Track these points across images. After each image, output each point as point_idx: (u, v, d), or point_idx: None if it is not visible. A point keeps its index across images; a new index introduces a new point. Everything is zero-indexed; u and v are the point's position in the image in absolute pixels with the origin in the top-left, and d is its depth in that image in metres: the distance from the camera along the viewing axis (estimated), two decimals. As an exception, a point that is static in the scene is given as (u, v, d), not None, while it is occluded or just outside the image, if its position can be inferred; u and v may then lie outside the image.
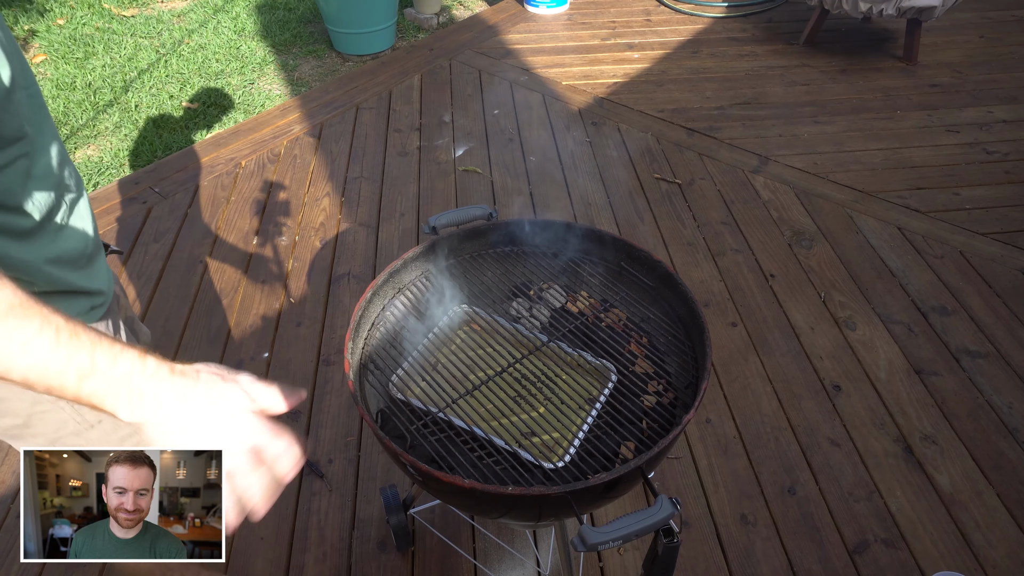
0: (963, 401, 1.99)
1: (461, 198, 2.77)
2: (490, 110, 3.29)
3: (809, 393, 2.02)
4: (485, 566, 1.64)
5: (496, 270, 1.38)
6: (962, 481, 1.81)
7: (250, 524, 1.73)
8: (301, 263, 2.48)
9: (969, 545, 1.68)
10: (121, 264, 2.46)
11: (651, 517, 0.90)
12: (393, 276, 1.31)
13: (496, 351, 1.26)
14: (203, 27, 4.10)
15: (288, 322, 2.26)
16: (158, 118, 3.29)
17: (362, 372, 1.20)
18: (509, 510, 1.07)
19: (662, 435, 1.09)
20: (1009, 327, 2.19)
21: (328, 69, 3.74)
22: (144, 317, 2.27)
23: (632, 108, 3.28)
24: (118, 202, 2.74)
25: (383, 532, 1.71)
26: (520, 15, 4.15)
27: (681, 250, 2.51)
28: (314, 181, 2.86)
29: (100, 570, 1.65)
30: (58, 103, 3.38)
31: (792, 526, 1.72)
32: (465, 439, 1.10)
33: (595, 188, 2.81)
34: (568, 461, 1.07)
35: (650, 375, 1.22)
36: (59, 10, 4.24)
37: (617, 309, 1.32)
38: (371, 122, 3.22)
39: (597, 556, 1.66)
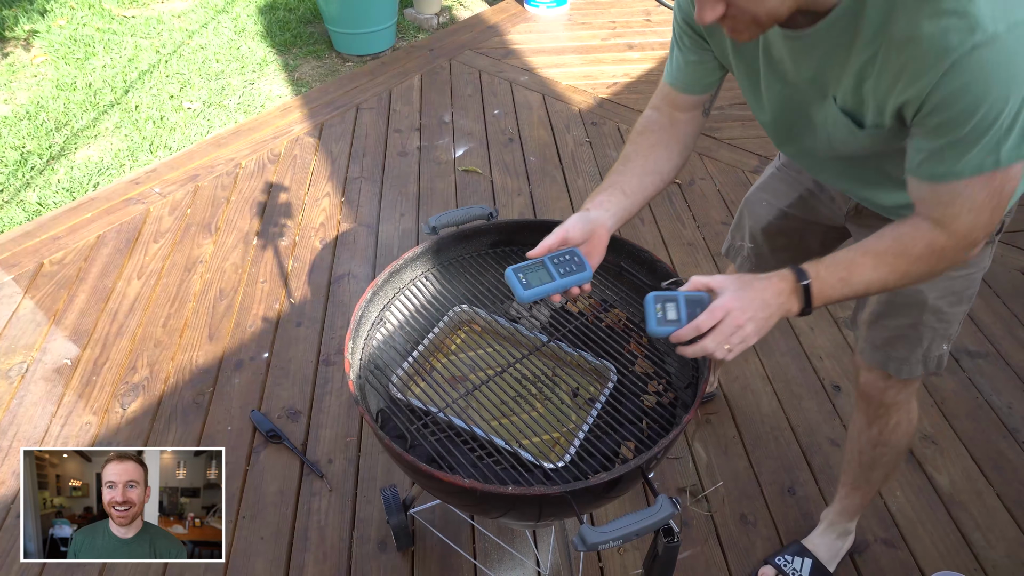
0: (963, 401, 1.99)
1: (461, 198, 2.78)
2: (490, 110, 3.29)
3: (809, 393, 2.02)
4: (485, 566, 1.64)
5: (496, 270, 1.38)
6: (962, 481, 1.81)
7: (250, 524, 1.73)
8: (301, 263, 2.48)
9: (969, 545, 1.68)
10: (122, 263, 2.47)
11: (651, 517, 0.90)
12: (393, 276, 1.31)
13: (496, 351, 1.26)
14: (203, 28, 4.10)
15: (288, 322, 2.26)
16: (158, 118, 3.29)
17: (362, 372, 1.20)
18: (509, 510, 1.07)
19: (662, 435, 1.09)
20: (1009, 327, 2.19)
21: (328, 69, 3.74)
22: (144, 317, 2.27)
23: (632, 108, 3.28)
24: (118, 202, 2.74)
25: (383, 532, 1.71)
26: (520, 15, 4.15)
27: (681, 250, 2.51)
28: (314, 181, 2.87)
29: (100, 570, 1.65)
30: (58, 103, 3.38)
31: (792, 526, 1.72)
32: (465, 439, 1.10)
33: (595, 188, 2.80)
34: (568, 461, 1.07)
35: (650, 375, 1.22)
36: (59, 10, 4.24)
37: (617, 309, 1.32)
38: (371, 122, 3.22)
39: (597, 556, 1.66)
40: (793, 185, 1.38)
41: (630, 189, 1.17)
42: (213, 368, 2.12)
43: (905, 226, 0.94)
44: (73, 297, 2.34)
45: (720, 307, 0.93)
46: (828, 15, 0.87)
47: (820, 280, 0.94)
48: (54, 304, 2.32)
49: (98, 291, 2.37)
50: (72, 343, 2.19)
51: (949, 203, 0.89)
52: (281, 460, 1.87)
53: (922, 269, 0.94)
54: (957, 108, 0.81)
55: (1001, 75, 0.78)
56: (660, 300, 0.98)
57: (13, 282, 2.40)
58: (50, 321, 2.26)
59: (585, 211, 1.14)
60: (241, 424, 1.96)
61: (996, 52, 0.76)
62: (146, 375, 2.10)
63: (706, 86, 1.17)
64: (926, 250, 0.92)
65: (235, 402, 2.02)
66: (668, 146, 1.19)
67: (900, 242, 0.94)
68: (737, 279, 0.95)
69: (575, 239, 1.08)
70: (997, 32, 0.75)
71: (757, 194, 1.47)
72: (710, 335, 0.93)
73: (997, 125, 0.81)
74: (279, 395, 2.04)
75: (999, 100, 0.79)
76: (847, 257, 0.95)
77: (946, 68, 0.78)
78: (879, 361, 1.26)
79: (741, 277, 0.95)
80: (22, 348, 2.18)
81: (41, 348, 2.17)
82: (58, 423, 1.96)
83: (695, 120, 1.20)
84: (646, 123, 1.22)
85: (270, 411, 1.99)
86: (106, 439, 1.93)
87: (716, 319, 0.92)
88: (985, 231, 0.91)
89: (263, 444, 1.91)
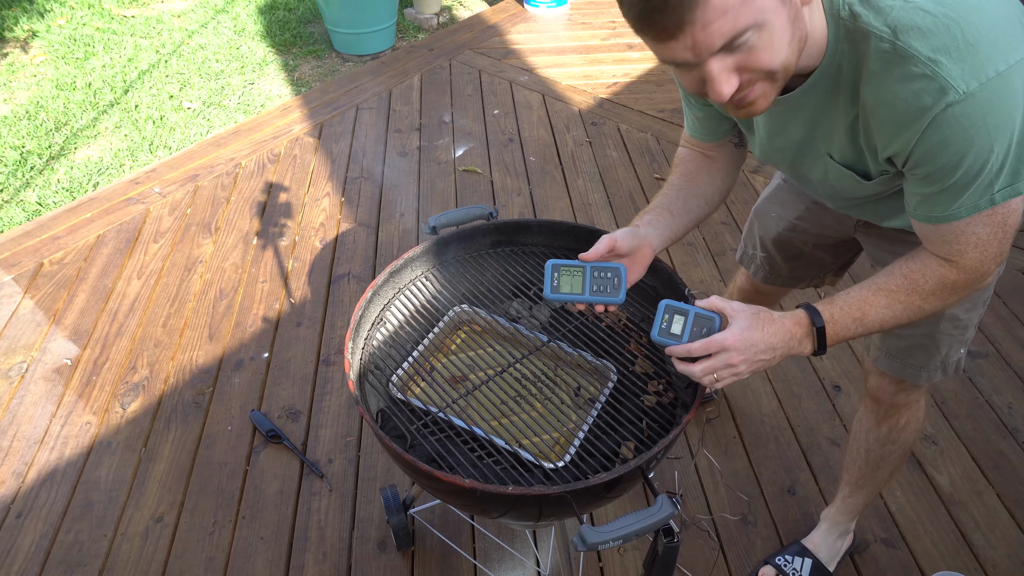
0: (963, 401, 1.99)
1: (461, 198, 2.78)
2: (490, 110, 3.29)
3: (809, 393, 2.02)
4: (485, 566, 1.64)
5: (496, 270, 1.38)
6: (962, 481, 1.81)
7: (250, 524, 1.73)
8: (301, 263, 2.48)
9: (969, 545, 1.68)
10: (122, 263, 2.46)
11: (651, 517, 0.90)
12: (393, 276, 1.31)
13: (496, 351, 1.26)
14: (203, 27, 4.10)
15: (288, 322, 2.26)
16: (158, 118, 3.29)
17: (362, 372, 1.20)
18: (509, 510, 1.07)
19: (662, 435, 1.09)
20: (1009, 327, 2.19)
21: (328, 69, 3.74)
22: (144, 317, 2.27)
23: (632, 108, 3.28)
24: (118, 202, 2.74)
25: (383, 532, 1.71)
26: (520, 15, 4.15)
27: (681, 250, 2.51)
28: (314, 181, 2.87)
29: (100, 570, 1.65)
30: (58, 103, 3.38)
31: (792, 526, 1.72)
32: (465, 439, 1.10)
33: (595, 188, 2.81)
34: (568, 461, 1.07)
35: (650, 375, 1.22)
36: (59, 10, 4.24)
37: (617, 309, 1.32)
38: (371, 122, 3.22)
39: (597, 556, 1.66)
40: (801, 196, 1.37)
41: (676, 210, 1.17)
42: (213, 368, 2.12)
43: (915, 262, 0.94)
44: (73, 297, 2.34)
45: (719, 341, 0.92)
46: (808, 78, 0.88)
47: (834, 322, 0.93)
48: (54, 304, 2.32)
49: (98, 291, 2.37)
50: (72, 343, 2.19)
51: (953, 241, 0.89)
52: (281, 460, 1.87)
53: (935, 304, 0.94)
54: (942, 160, 0.81)
55: (980, 128, 0.78)
56: (671, 311, 0.97)
57: (13, 282, 2.40)
58: (50, 321, 2.26)
59: (635, 227, 1.14)
60: (241, 424, 1.96)
61: (972, 107, 0.76)
62: (146, 375, 2.10)
63: (724, 132, 1.17)
64: (937, 285, 0.92)
65: (235, 402, 2.02)
66: (709, 172, 1.20)
67: (911, 278, 0.93)
68: (753, 315, 0.93)
69: (622, 250, 1.08)
70: (970, 90, 0.76)
71: (766, 205, 1.46)
72: (700, 363, 0.93)
73: (986, 171, 0.81)
74: (279, 395, 2.04)
75: (983, 150, 0.79)
76: (860, 296, 0.95)
77: (925, 125, 0.79)
78: (896, 369, 1.25)
79: (757, 314, 0.93)
80: (22, 348, 2.18)
81: (41, 348, 2.17)
82: (58, 423, 1.96)
83: (728, 152, 1.21)
84: (682, 156, 1.23)
85: (270, 411, 1.99)
86: (106, 439, 1.93)
87: (709, 351, 0.92)
88: (995, 262, 0.91)
89: (263, 444, 1.91)
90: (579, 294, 1.06)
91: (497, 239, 1.41)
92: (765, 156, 1.09)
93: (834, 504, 1.59)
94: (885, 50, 0.79)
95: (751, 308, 0.94)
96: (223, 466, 1.86)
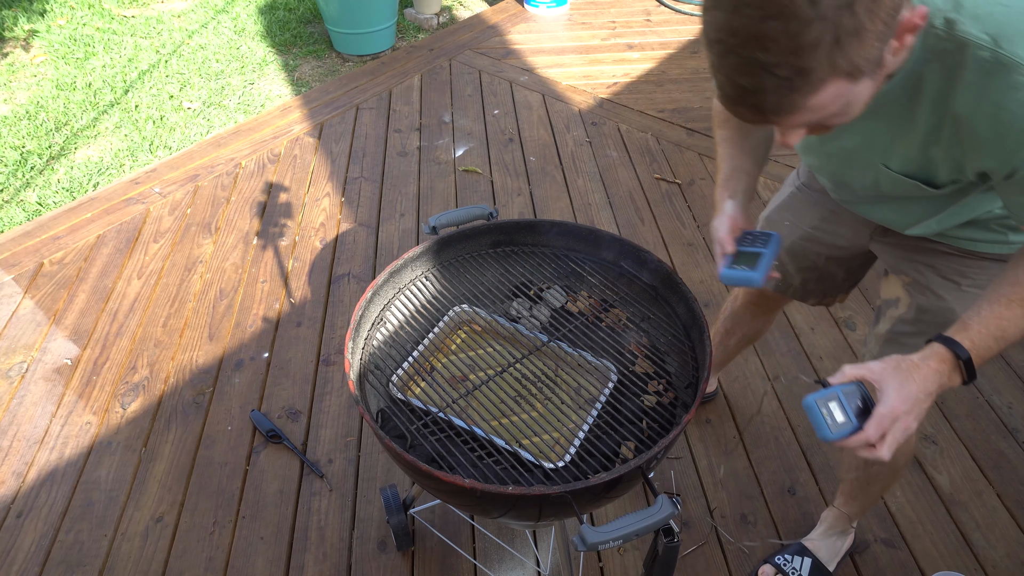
0: (963, 401, 1.99)
1: (461, 198, 2.78)
2: (490, 110, 3.29)
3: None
4: (485, 566, 1.64)
5: (496, 270, 1.38)
6: (962, 481, 1.81)
7: (250, 524, 1.73)
8: (301, 263, 2.48)
9: (969, 545, 1.68)
10: (122, 263, 2.46)
11: (651, 517, 0.90)
12: (393, 276, 1.31)
13: (496, 351, 1.26)
14: (203, 27, 4.10)
15: (288, 322, 2.26)
16: (158, 118, 3.29)
17: (362, 372, 1.20)
18: (509, 510, 1.07)
19: (662, 435, 1.09)
20: (1009, 327, 2.19)
21: (328, 69, 3.74)
22: (144, 317, 2.27)
23: (632, 108, 3.28)
24: (118, 202, 2.74)
25: (383, 532, 1.71)
26: (520, 15, 4.15)
27: (681, 250, 2.51)
28: (314, 181, 2.87)
29: (100, 570, 1.65)
30: (58, 103, 3.38)
31: (792, 526, 1.72)
32: (465, 439, 1.11)
33: (595, 188, 2.81)
34: (568, 461, 1.07)
35: (650, 375, 1.22)
36: (59, 10, 4.24)
37: (617, 309, 1.32)
38: (371, 122, 3.22)
39: (597, 556, 1.66)
40: (816, 205, 1.36)
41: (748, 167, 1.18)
42: (213, 368, 2.12)
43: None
44: (73, 297, 2.34)
45: (888, 415, 0.85)
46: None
47: (977, 349, 0.90)
48: (54, 304, 2.32)
49: (98, 291, 2.37)
50: (72, 343, 2.19)
51: None
52: (281, 460, 1.87)
53: None
54: None
55: None
56: (823, 403, 0.89)
57: (13, 282, 2.40)
58: (50, 321, 2.26)
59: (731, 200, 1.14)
60: (241, 424, 1.96)
61: None
62: (146, 375, 2.10)
63: None
64: None
65: (235, 402, 2.02)
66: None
67: None
68: (895, 369, 0.87)
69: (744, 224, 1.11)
70: None
71: (779, 213, 1.44)
72: (881, 445, 0.86)
73: None
74: (279, 395, 2.04)
75: None
76: (993, 313, 0.91)
77: None
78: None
79: (898, 366, 0.87)
80: (22, 348, 2.18)
81: (41, 348, 2.17)
82: (58, 423, 1.96)
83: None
84: (718, 107, 1.21)
85: (270, 411, 1.99)
86: (106, 439, 1.93)
87: (884, 428, 0.85)
88: None
89: (263, 444, 1.91)
90: (764, 256, 1.05)
91: (497, 239, 1.41)
92: (808, 153, 1.08)
93: (833, 507, 1.60)
94: (985, 59, 0.77)
95: (890, 363, 0.88)
96: (223, 466, 1.86)
